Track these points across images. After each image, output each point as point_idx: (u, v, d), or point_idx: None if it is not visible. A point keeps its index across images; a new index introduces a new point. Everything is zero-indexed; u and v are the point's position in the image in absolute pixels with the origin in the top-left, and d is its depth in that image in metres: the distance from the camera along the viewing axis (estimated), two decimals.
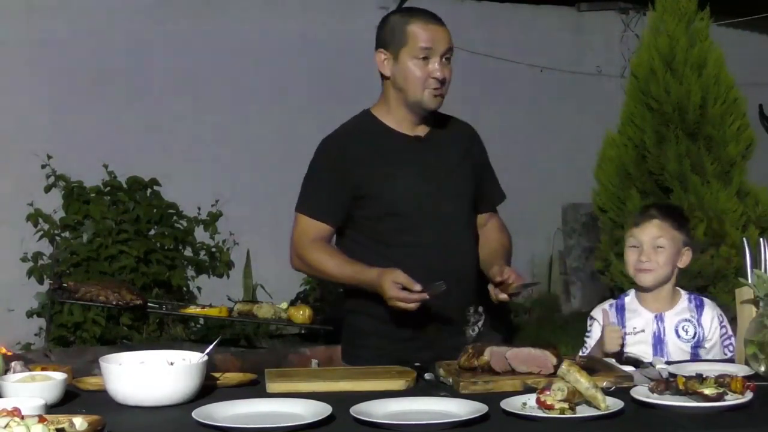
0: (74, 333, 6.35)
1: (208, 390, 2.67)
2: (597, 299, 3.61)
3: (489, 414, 2.37)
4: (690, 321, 3.34)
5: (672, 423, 2.38)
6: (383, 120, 3.23)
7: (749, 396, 2.49)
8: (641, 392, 2.54)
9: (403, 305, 2.97)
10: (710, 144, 5.51)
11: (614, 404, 2.41)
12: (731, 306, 3.25)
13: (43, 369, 2.75)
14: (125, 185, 6.82)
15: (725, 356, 3.28)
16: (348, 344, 3.34)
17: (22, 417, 2.19)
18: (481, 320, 3.22)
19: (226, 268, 7.06)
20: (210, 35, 7.88)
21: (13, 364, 2.72)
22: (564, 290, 8.98)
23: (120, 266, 6.49)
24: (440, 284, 2.98)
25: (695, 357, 3.26)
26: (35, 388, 2.53)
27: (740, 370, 2.81)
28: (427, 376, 2.82)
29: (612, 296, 3.70)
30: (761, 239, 3.08)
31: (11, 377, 2.64)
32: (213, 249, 7.04)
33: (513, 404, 2.44)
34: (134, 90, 7.60)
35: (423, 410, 2.45)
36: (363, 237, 3.21)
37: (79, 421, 2.25)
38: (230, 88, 7.96)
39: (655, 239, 3.31)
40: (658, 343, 3.31)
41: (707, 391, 2.46)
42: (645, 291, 3.37)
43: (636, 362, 3.01)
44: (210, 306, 5.42)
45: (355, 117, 3.32)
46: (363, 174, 3.17)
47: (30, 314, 6.58)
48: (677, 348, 3.28)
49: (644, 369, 2.91)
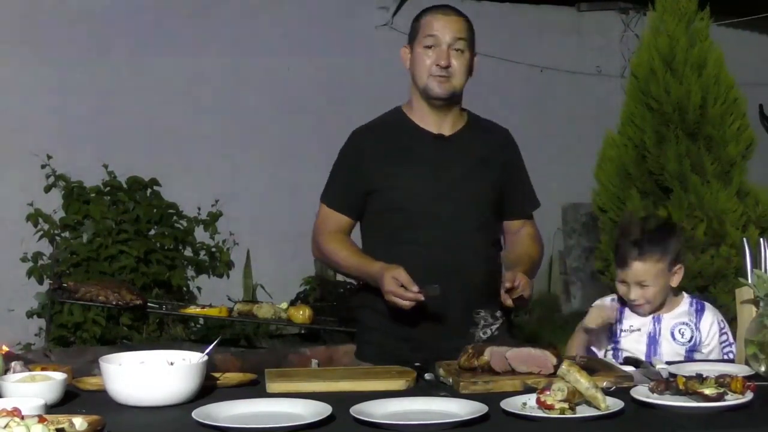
0: (74, 333, 6.35)
1: (208, 390, 2.67)
2: (597, 299, 3.59)
3: (489, 414, 2.37)
4: (688, 325, 3.34)
5: (672, 423, 2.38)
6: (410, 116, 3.28)
7: (749, 396, 2.49)
8: (641, 392, 2.54)
9: (399, 302, 3.01)
10: (710, 144, 5.51)
11: (614, 404, 2.41)
12: (731, 306, 3.25)
13: (43, 369, 2.75)
14: (125, 185, 6.82)
15: None
16: (357, 340, 3.41)
17: (22, 417, 2.19)
18: (497, 324, 3.20)
19: (226, 268, 7.07)
20: (210, 35, 7.88)
21: (13, 364, 2.72)
22: (564, 290, 8.98)
23: (120, 266, 6.49)
24: (435, 287, 3.00)
25: (689, 361, 3.25)
26: (35, 388, 2.53)
27: (740, 370, 2.81)
28: (427, 376, 2.82)
29: None
30: (761, 239, 3.08)
31: (11, 377, 2.64)
32: (213, 249, 7.04)
33: (513, 404, 2.44)
34: (134, 90, 7.60)
35: (423, 410, 2.45)
36: (372, 232, 3.29)
37: (79, 421, 2.25)
38: (230, 88, 7.96)
39: (639, 280, 3.28)
40: (652, 344, 3.31)
41: (707, 391, 2.46)
42: None
43: (636, 362, 3.01)
44: (210, 306, 5.43)
45: (387, 112, 3.37)
46: (375, 169, 3.22)
47: (30, 314, 6.58)
48: (671, 350, 3.27)
49: (644, 369, 2.91)
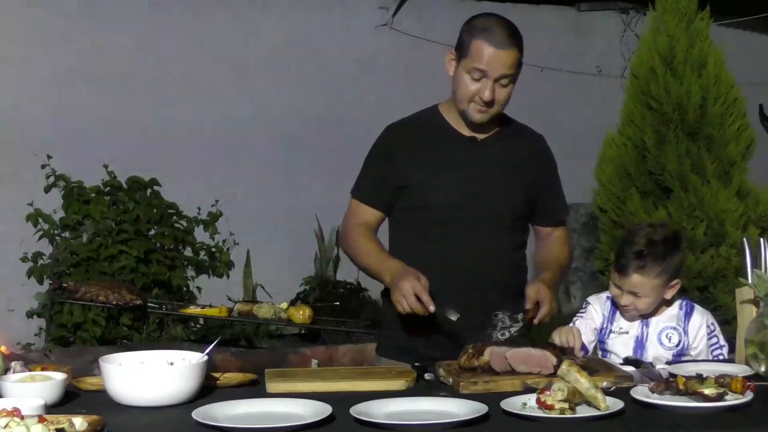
0: (74, 333, 6.34)
1: (208, 390, 2.67)
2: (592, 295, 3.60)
3: (489, 414, 2.37)
4: (675, 329, 3.33)
5: (672, 423, 2.38)
6: (445, 116, 3.28)
7: (749, 396, 2.49)
8: (641, 392, 2.54)
9: (402, 303, 2.99)
10: (710, 144, 5.51)
11: (614, 404, 2.41)
12: (731, 306, 3.25)
13: (43, 369, 2.75)
14: (125, 185, 6.81)
15: None
16: (378, 336, 3.45)
17: (22, 417, 2.19)
18: (516, 327, 3.19)
19: (226, 268, 7.06)
20: (210, 35, 7.88)
21: (13, 364, 2.72)
22: (564, 290, 8.96)
23: (120, 266, 6.48)
24: (455, 312, 2.97)
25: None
26: (35, 388, 2.53)
27: (740, 370, 2.81)
28: (427, 376, 2.82)
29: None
30: (761, 239, 3.08)
31: (11, 377, 2.64)
32: (213, 249, 7.04)
33: (513, 404, 2.44)
34: (134, 90, 7.59)
35: (423, 410, 2.46)
36: (398, 228, 3.28)
37: (79, 421, 2.25)
38: (230, 88, 7.96)
39: (634, 291, 3.27)
40: (639, 348, 3.30)
41: (707, 391, 2.46)
42: None
43: (636, 362, 3.01)
44: (210, 306, 5.43)
45: (423, 110, 3.36)
46: (407, 165, 3.22)
47: (30, 314, 6.57)
48: (658, 354, 3.25)
49: (644, 369, 2.91)
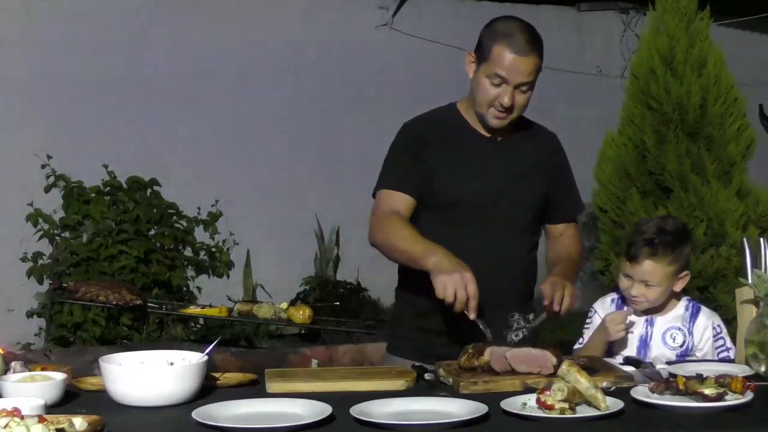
0: (74, 333, 6.35)
1: (208, 390, 2.67)
2: (595, 300, 3.59)
3: (489, 414, 2.37)
4: (680, 329, 3.32)
5: (672, 423, 2.38)
6: (464, 115, 3.27)
7: (749, 396, 2.49)
8: (641, 392, 2.54)
9: (450, 291, 2.89)
10: (710, 144, 5.51)
11: (614, 404, 2.41)
12: (731, 306, 3.25)
13: (43, 369, 2.75)
14: (125, 185, 6.81)
15: None
16: (389, 334, 3.44)
17: (22, 417, 2.19)
18: (529, 327, 3.19)
19: (226, 268, 7.06)
20: (210, 35, 7.88)
21: (13, 364, 2.72)
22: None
23: (120, 266, 6.48)
24: (487, 329, 2.95)
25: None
26: (35, 388, 2.53)
27: (740, 370, 2.81)
28: (427, 376, 2.82)
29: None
30: (761, 239, 3.08)
31: (11, 377, 2.64)
32: (213, 249, 7.04)
33: (513, 404, 2.44)
34: (134, 90, 7.60)
35: (423, 410, 2.45)
36: (418, 225, 3.21)
37: (79, 421, 2.25)
38: (230, 88, 7.96)
39: (645, 279, 3.28)
40: (643, 347, 3.30)
41: (707, 391, 2.46)
42: None
43: (636, 362, 3.01)
44: (210, 306, 5.43)
45: (440, 107, 3.35)
46: (433, 163, 3.20)
47: (30, 314, 6.58)
48: (662, 354, 3.26)
49: (644, 369, 2.91)
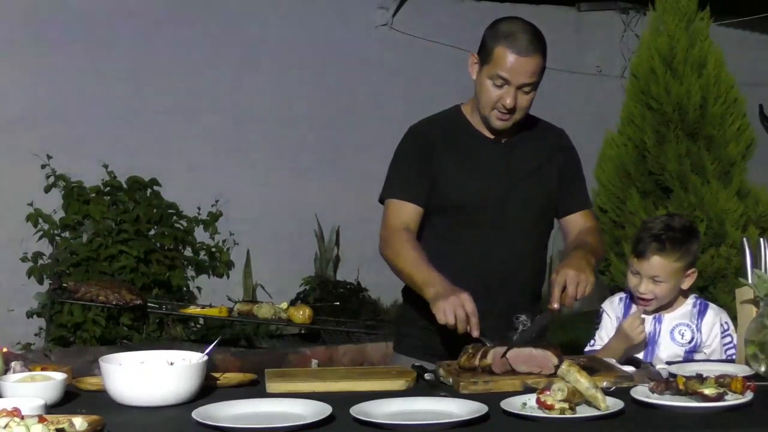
0: (74, 333, 6.34)
1: (208, 390, 2.67)
2: (597, 299, 3.59)
3: (489, 414, 2.37)
4: (689, 326, 3.33)
5: (672, 423, 2.38)
6: (469, 118, 3.26)
7: (749, 396, 2.49)
8: (641, 392, 2.54)
9: (449, 315, 2.90)
10: (710, 144, 5.51)
11: (614, 404, 2.41)
12: (731, 306, 3.25)
13: (43, 369, 2.75)
14: (125, 185, 6.81)
15: None
16: (396, 333, 3.43)
17: (22, 417, 2.19)
18: (535, 329, 3.16)
19: (226, 268, 7.06)
20: (210, 35, 7.89)
21: (13, 364, 2.72)
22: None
23: (120, 266, 6.48)
24: (488, 339, 2.92)
25: (689, 361, 3.24)
26: (35, 388, 2.53)
27: (740, 370, 2.81)
28: (427, 376, 2.82)
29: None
30: (761, 239, 3.08)
31: (11, 377, 2.63)
32: (213, 249, 7.04)
33: (513, 404, 2.44)
34: (134, 90, 7.60)
35: (423, 410, 2.45)
36: (426, 229, 3.22)
37: (79, 421, 2.25)
38: (230, 88, 7.96)
39: (654, 275, 3.28)
40: (651, 344, 3.30)
41: (707, 391, 2.46)
42: None
43: (636, 362, 3.01)
44: (210, 306, 5.42)
45: (444, 111, 3.34)
46: (439, 166, 3.19)
47: (30, 314, 6.58)
48: (670, 351, 3.27)
49: (644, 369, 2.91)
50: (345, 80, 8.34)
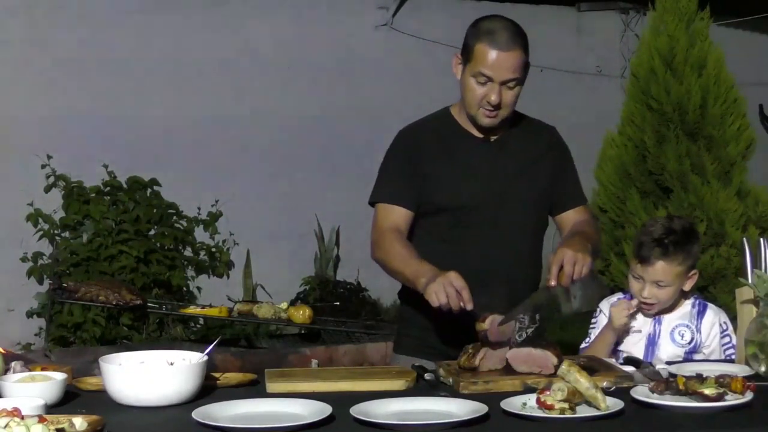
0: (74, 333, 6.34)
1: (208, 390, 2.67)
2: (597, 300, 3.58)
3: (489, 414, 2.37)
4: (688, 327, 3.32)
5: (672, 423, 2.38)
6: (458, 119, 3.25)
7: (749, 396, 2.49)
8: (641, 392, 2.54)
9: (441, 294, 2.87)
10: (710, 144, 5.51)
11: (614, 404, 2.41)
12: (731, 306, 3.25)
13: (43, 369, 2.75)
14: (125, 185, 6.81)
15: None
16: (396, 333, 3.42)
17: (22, 417, 2.19)
18: (533, 327, 3.13)
19: (226, 268, 7.06)
20: (210, 35, 7.89)
21: (13, 364, 2.72)
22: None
23: (120, 266, 6.48)
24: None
25: (689, 361, 3.24)
26: (35, 388, 2.53)
27: (740, 370, 2.81)
28: (427, 376, 2.82)
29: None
30: (761, 239, 3.08)
31: (11, 377, 2.63)
32: (213, 249, 7.04)
33: (513, 404, 2.44)
34: (134, 90, 7.60)
35: (423, 410, 2.45)
36: (421, 232, 3.21)
37: (79, 421, 2.25)
38: (230, 88, 7.96)
39: (658, 279, 3.26)
40: (651, 345, 3.30)
41: (707, 391, 2.46)
42: None
43: (636, 362, 3.01)
44: (210, 306, 5.43)
45: (434, 113, 3.33)
46: (430, 169, 3.19)
47: (30, 314, 6.57)
48: (671, 352, 3.26)
49: (644, 369, 2.91)
50: (345, 80, 8.34)
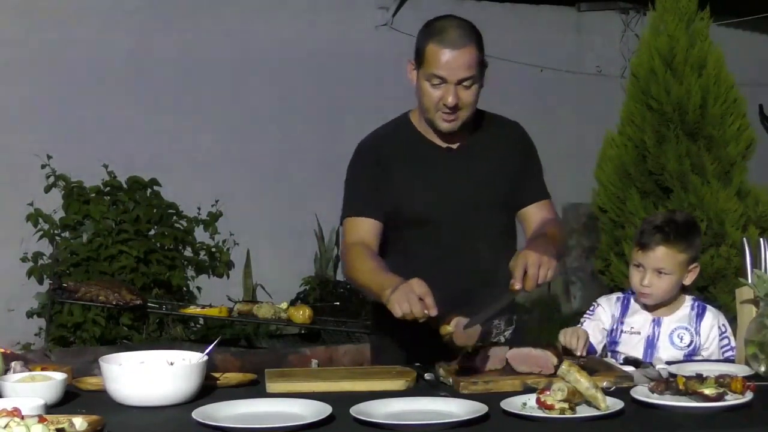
0: (74, 333, 6.34)
1: (208, 390, 2.67)
2: (602, 297, 3.57)
3: (489, 414, 2.37)
4: (687, 329, 3.32)
5: (672, 423, 2.38)
6: (417, 126, 3.16)
7: (749, 396, 2.49)
8: (641, 392, 2.54)
9: (403, 304, 2.71)
10: (710, 144, 5.52)
11: (614, 404, 2.41)
12: (731, 306, 3.25)
13: (43, 369, 2.75)
14: (125, 185, 6.81)
15: None
16: (371, 344, 3.39)
17: (22, 417, 2.19)
18: (511, 329, 3.10)
19: (226, 268, 7.06)
20: (210, 35, 7.88)
21: (13, 364, 2.72)
22: (564, 290, 8.97)
23: (120, 266, 6.48)
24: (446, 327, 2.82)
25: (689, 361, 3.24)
26: (35, 388, 2.53)
27: (740, 370, 2.81)
28: (427, 376, 2.82)
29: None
30: (761, 239, 3.08)
31: (11, 377, 2.64)
32: (213, 249, 7.04)
33: (513, 404, 2.44)
34: (134, 90, 7.60)
35: (423, 410, 2.45)
36: (389, 247, 3.12)
37: (79, 421, 2.25)
38: (230, 88, 7.96)
39: (659, 266, 3.25)
40: (650, 347, 3.29)
41: (707, 391, 2.46)
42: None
43: (636, 362, 3.01)
44: (210, 306, 5.43)
45: (394, 120, 3.25)
46: (394, 182, 3.10)
47: (30, 314, 6.57)
48: (670, 355, 3.24)
49: (644, 369, 2.91)
50: (345, 80, 8.33)
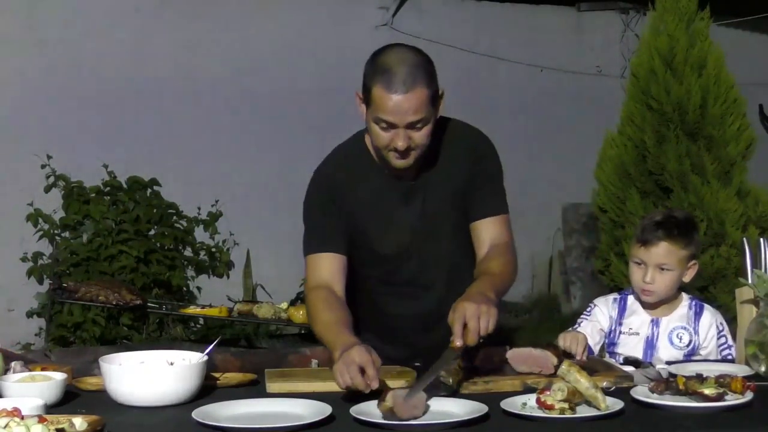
0: (74, 333, 6.35)
1: (208, 390, 2.67)
2: (600, 297, 3.57)
3: (489, 414, 2.37)
4: (686, 329, 3.31)
5: (672, 423, 2.38)
6: (374, 154, 2.98)
7: (749, 396, 2.49)
8: (641, 392, 2.54)
9: (344, 374, 2.52)
10: (710, 144, 5.51)
11: (614, 404, 2.41)
12: (731, 306, 3.25)
13: (43, 369, 2.75)
14: (125, 185, 6.82)
15: None
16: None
17: (22, 417, 2.19)
18: (463, 371, 2.78)
19: (226, 268, 7.07)
20: (210, 35, 7.89)
21: (13, 364, 2.72)
22: (564, 290, 8.97)
23: (120, 266, 6.49)
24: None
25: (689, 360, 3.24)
26: (35, 388, 2.53)
27: (740, 370, 2.81)
28: None
29: None
30: (761, 239, 3.08)
31: (11, 377, 2.63)
32: (213, 249, 7.04)
33: (513, 404, 2.44)
34: (134, 90, 7.60)
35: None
36: (350, 283, 2.99)
37: (79, 421, 2.25)
38: (230, 89, 7.96)
39: (661, 262, 3.24)
40: (649, 348, 3.29)
41: (707, 391, 2.46)
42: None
43: (636, 362, 3.01)
44: (210, 306, 5.44)
45: (348, 143, 3.08)
46: (347, 214, 2.98)
47: (30, 314, 6.58)
48: (669, 354, 3.24)
49: (644, 369, 2.91)
50: (345, 80, 8.31)
